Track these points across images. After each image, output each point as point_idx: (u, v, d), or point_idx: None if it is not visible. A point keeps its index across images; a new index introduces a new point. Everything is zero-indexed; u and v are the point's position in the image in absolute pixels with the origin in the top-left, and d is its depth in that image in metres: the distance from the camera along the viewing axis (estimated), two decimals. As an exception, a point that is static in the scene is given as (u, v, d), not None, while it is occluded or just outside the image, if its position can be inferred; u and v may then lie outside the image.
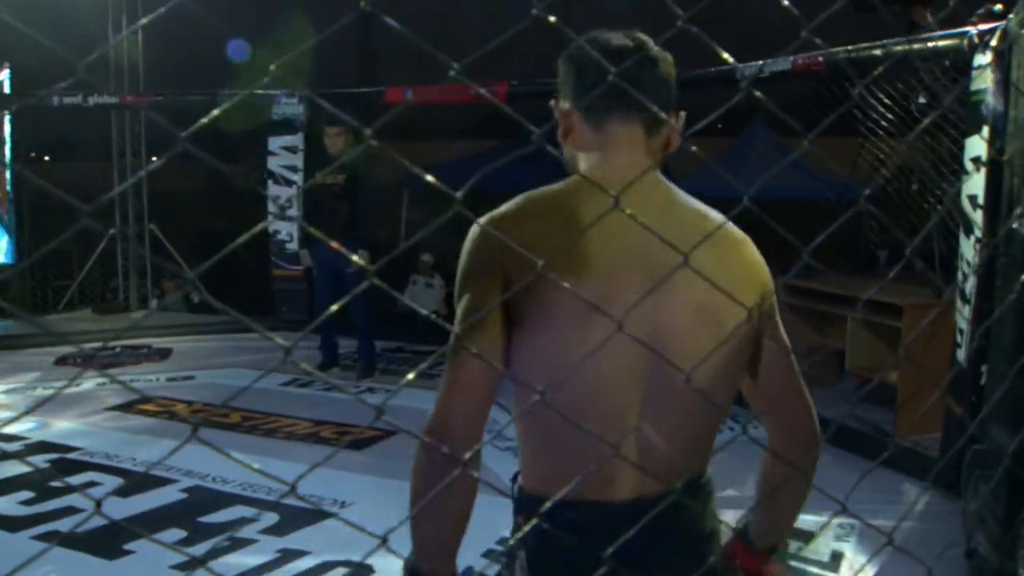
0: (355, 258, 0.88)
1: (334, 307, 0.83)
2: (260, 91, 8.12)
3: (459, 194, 0.69)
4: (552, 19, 0.77)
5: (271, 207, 8.26)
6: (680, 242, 1.10)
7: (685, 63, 1.55)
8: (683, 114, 1.47)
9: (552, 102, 1.48)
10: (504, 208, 1.39)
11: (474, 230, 1.37)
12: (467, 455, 1.29)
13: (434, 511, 1.33)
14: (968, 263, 4.21)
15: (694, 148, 1.12)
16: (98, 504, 0.63)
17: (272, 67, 0.61)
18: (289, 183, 8.20)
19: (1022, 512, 3.08)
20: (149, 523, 3.92)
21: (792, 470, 1.44)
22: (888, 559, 3.46)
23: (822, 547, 3.81)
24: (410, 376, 0.97)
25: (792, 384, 1.50)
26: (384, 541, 0.70)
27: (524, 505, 1.49)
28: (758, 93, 0.89)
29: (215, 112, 0.71)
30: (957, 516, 4.00)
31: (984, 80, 4.01)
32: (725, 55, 0.83)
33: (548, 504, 1.18)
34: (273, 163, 8.32)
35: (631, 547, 1.08)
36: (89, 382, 6.25)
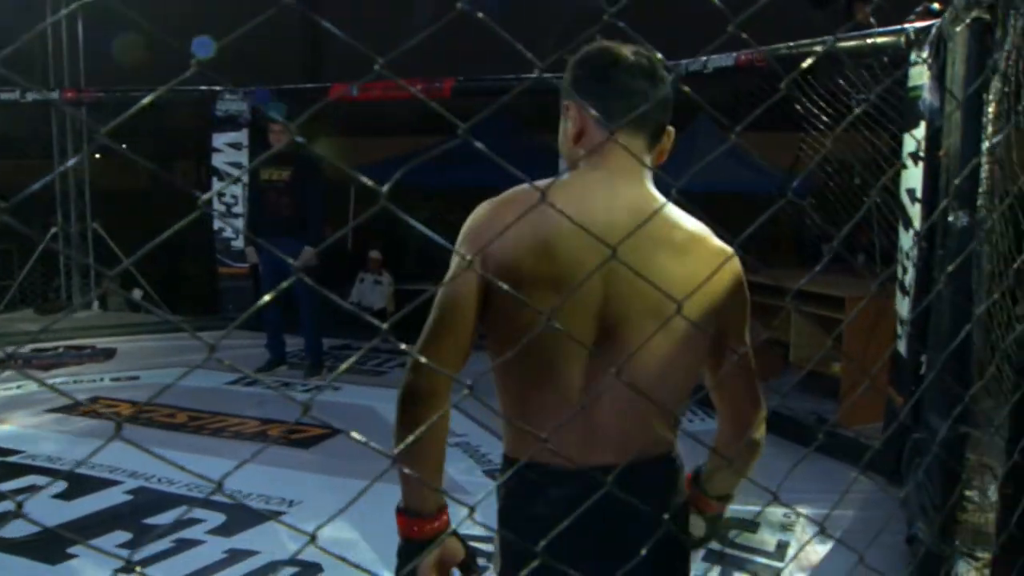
0: (289, 257, 0.86)
1: (261, 301, 0.82)
2: (204, 87, 8.06)
3: (385, 188, 0.69)
4: (480, 15, 0.77)
5: (216, 204, 8.18)
6: (639, 244, 1.22)
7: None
8: (672, 130, 1.62)
9: (565, 105, 1.61)
10: (499, 196, 1.56)
11: (476, 210, 1.56)
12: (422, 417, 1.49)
13: (412, 453, 1.49)
14: (907, 256, 4.29)
15: (620, 142, 1.14)
16: (19, 506, 0.62)
17: (193, 61, 0.60)
18: (234, 180, 8.12)
19: (954, 497, 3.15)
20: (93, 526, 3.86)
21: (736, 454, 1.63)
22: (835, 547, 3.53)
23: (767, 537, 3.86)
24: (342, 368, 0.96)
25: (748, 389, 1.66)
26: (313, 539, 0.70)
27: (502, 466, 1.70)
28: (686, 88, 0.90)
29: (133, 109, 0.70)
30: (899, 504, 4.07)
31: (921, 76, 4.09)
32: (657, 53, 0.84)
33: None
34: (218, 159, 8.24)
35: (586, 510, 1.15)
36: (31, 384, 6.13)
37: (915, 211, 4.17)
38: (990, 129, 2.99)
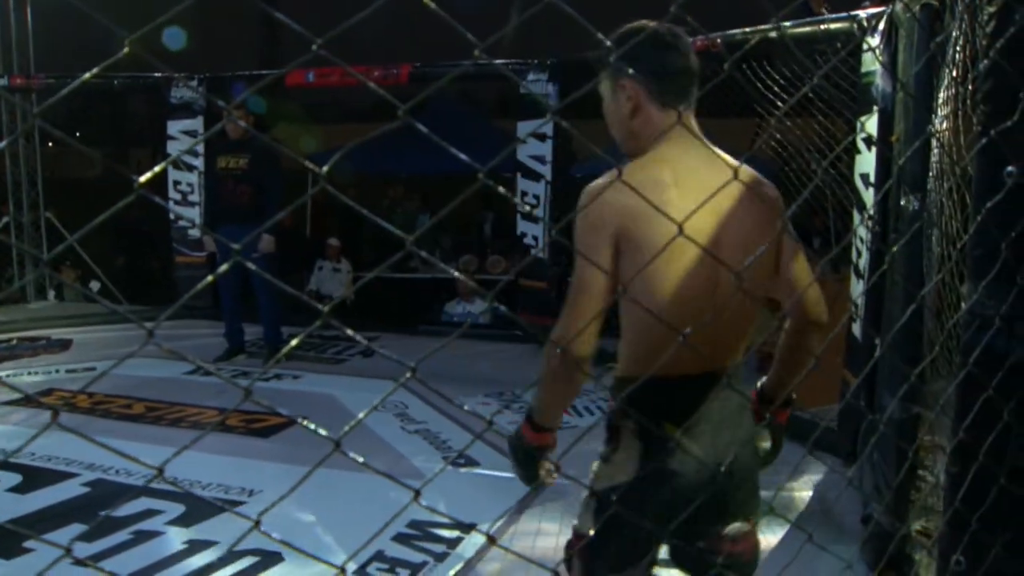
0: (248, 245, 0.86)
1: (198, 287, 0.81)
2: (159, 74, 7.95)
3: (324, 170, 0.69)
4: (429, 1, 0.77)
5: (171, 192, 8.09)
6: (730, 190, 1.60)
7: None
8: None
9: (620, 80, 1.81)
10: (601, 181, 1.79)
11: (588, 196, 1.78)
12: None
13: (556, 393, 1.91)
14: (862, 239, 4.34)
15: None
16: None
17: (126, 43, 0.59)
18: (190, 168, 8.03)
19: (900, 475, 3.20)
20: (49, 519, 3.81)
21: (801, 344, 1.99)
22: (793, 527, 3.56)
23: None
24: (281, 354, 0.96)
25: (807, 273, 1.96)
26: (257, 524, 0.70)
27: (620, 387, 1.96)
28: (631, 70, 0.90)
29: (64, 91, 0.69)
30: (846, 483, 4.13)
31: (874, 62, 4.14)
32: (599, 35, 0.84)
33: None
34: (173, 148, 8.14)
35: (695, 405, 1.75)
36: (-17, 376, 6.04)
37: (869, 195, 4.22)
38: (940, 114, 3.03)
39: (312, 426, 0.83)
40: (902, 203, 3.32)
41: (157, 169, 0.65)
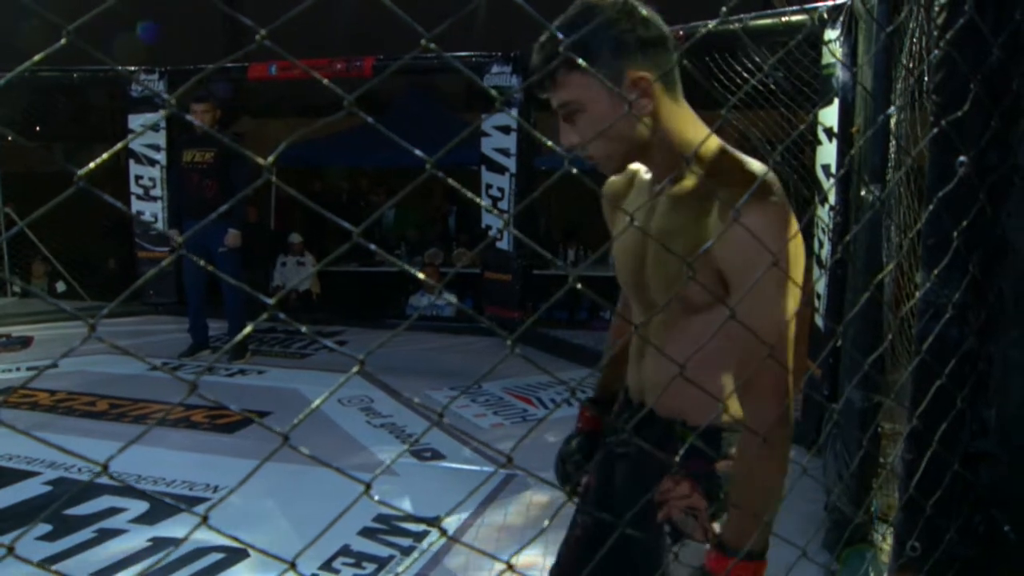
0: (214, 239, 0.84)
1: (140, 281, 0.80)
2: (120, 67, 7.86)
3: (269, 160, 0.68)
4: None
5: (134, 186, 8.01)
6: None
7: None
8: None
9: (631, 74, 1.42)
10: (767, 192, 1.41)
11: (778, 209, 1.41)
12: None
13: (777, 487, 1.43)
14: (824, 230, 4.38)
15: (513, 115, 1.14)
16: None
17: (66, 31, 0.58)
18: (152, 162, 7.94)
19: (855, 462, 3.24)
20: (11, 519, 3.76)
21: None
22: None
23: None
24: (224, 349, 0.95)
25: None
26: (204, 520, 0.70)
27: (716, 434, 1.55)
28: (580, 60, 0.90)
29: None
30: (800, 472, 4.17)
31: (835, 54, 4.17)
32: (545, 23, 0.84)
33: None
34: (134, 142, 8.05)
35: None
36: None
37: (830, 186, 4.26)
38: (897, 104, 3.06)
39: (257, 419, 0.82)
40: (862, 193, 3.35)
41: (100, 160, 0.64)
